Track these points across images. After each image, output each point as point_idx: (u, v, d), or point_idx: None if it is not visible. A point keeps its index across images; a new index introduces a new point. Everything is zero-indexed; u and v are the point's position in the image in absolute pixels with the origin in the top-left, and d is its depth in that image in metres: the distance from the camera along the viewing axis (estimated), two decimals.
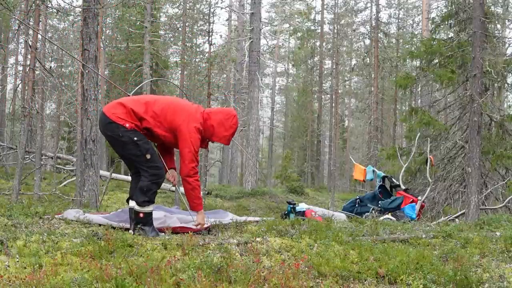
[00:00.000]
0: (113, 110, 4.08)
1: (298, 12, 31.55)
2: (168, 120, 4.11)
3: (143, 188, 4.05)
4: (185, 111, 4.17)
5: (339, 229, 4.92)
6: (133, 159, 4.15)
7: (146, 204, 4.07)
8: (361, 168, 10.80)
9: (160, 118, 4.11)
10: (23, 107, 9.23)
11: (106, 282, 2.71)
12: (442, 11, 16.23)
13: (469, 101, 8.85)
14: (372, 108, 26.29)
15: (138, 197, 4.05)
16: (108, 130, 4.09)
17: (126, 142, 4.05)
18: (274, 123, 39.98)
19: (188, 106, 4.26)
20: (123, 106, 4.09)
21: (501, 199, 11.04)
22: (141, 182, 4.08)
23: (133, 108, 4.07)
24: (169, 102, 4.25)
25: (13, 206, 5.19)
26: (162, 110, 4.13)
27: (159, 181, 4.16)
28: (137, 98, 4.30)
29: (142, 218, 4.06)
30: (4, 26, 23.74)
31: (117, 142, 4.10)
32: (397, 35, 30.75)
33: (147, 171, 4.09)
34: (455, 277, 3.33)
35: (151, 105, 4.13)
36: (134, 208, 4.08)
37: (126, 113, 4.06)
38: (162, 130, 4.13)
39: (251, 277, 2.97)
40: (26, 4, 9.75)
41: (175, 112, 4.13)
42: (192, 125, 4.11)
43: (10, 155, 14.81)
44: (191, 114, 4.17)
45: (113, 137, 4.08)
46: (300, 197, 16.94)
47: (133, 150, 4.08)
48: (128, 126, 4.03)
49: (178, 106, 4.20)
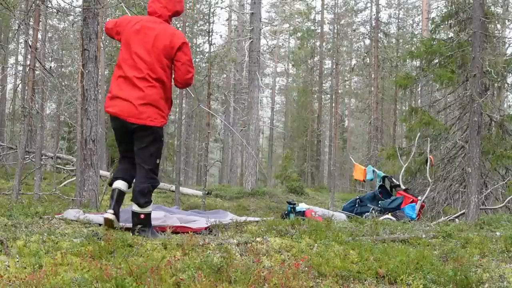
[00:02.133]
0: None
1: (298, 12, 31.55)
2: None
3: (144, 190, 4.02)
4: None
5: (339, 229, 4.92)
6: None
7: (147, 205, 4.05)
8: (361, 168, 10.80)
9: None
10: (23, 107, 9.23)
11: (106, 282, 2.71)
12: (442, 11, 16.26)
13: (469, 101, 8.85)
14: (372, 108, 26.30)
15: (139, 199, 4.02)
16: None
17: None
18: (274, 123, 40.00)
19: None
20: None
21: (501, 199, 11.04)
22: (141, 184, 4.04)
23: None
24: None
25: (13, 206, 5.19)
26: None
27: (156, 185, 4.16)
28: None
29: (143, 219, 4.04)
30: (4, 26, 23.75)
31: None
32: (397, 35, 30.76)
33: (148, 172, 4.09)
34: (455, 277, 3.33)
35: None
36: (135, 209, 4.05)
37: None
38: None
39: (251, 277, 2.97)
40: (26, 4, 9.76)
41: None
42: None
43: (10, 155, 14.81)
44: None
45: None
46: (300, 197, 16.93)
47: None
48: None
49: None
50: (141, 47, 3.99)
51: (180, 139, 13.26)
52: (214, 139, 35.00)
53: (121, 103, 3.97)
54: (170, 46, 3.99)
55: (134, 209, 4.04)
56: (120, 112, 3.99)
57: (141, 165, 4.04)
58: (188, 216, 5.41)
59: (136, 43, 4.02)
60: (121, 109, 3.98)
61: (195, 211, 6.51)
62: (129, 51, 4.03)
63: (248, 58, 16.32)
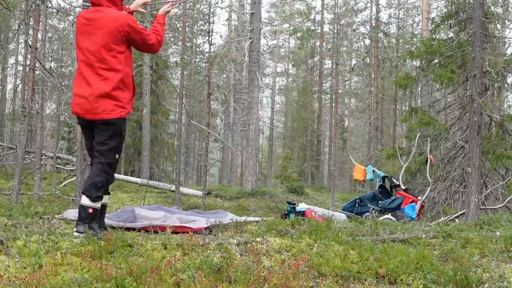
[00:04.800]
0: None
1: (298, 12, 31.56)
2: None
3: (98, 184, 3.85)
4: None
5: (339, 229, 4.92)
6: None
7: (98, 200, 3.86)
8: (361, 168, 10.81)
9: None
10: (23, 107, 9.22)
11: (106, 282, 2.71)
12: (442, 11, 16.24)
13: (469, 101, 8.84)
14: (372, 108, 26.28)
15: (91, 192, 3.82)
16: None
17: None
18: (274, 123, 39.99)
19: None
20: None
21: (501, 199, 11.04)
22: (96, 176, 3.88)
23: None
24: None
25: (13, 206, 5.20)
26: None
27: (111, 181, 4.03)
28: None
29: (92, 214, 3.83)
30: (4, 26, 23.74)
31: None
32: (397, 35, 30.75)
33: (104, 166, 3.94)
34: (455, 277, 3.33)
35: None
36: (84, 203, 3.83)
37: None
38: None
39: (251, 277, 2.97)
40: (26, 4, 9.75)
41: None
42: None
43: (10, 155, 14.81)
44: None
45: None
46: (300, 197, 16.93)
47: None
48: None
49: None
50: (88, 41, 3.90)
51: (180, 139, 13.25)
52: (214, 139, 35.00)
53: (79, 101, 3.90)
54: (116, 31, 3.88)
55: (83, 202, 3.83)
56: (79, 110, 3.91)
57: (99, 158, 3.91)
58: (188, 216, 5.41)
59: (84, 38, 3.93)
60: (79, 107, 3.91)
61: (195, 211, 6.51)
62: (80, 47, 3.94)
63: (248, 58, 16.31)
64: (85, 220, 3.79)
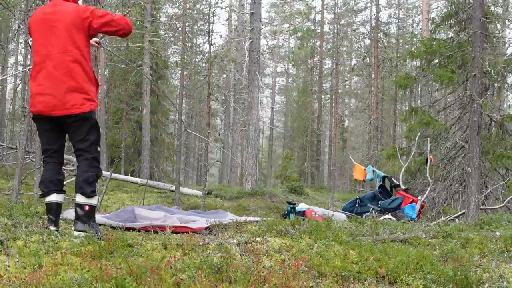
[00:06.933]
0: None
1: (298, 12, 31.58)
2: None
3: (89, 179, 3.80)
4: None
5: (339, 229, 4.92)
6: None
7: (93, 195, 3.81)
8: (361, 168, 10.81)
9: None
10: (23, 107, 9.21)
11: (106, 282, 2.71)
12: (442, 11, 16.24)
13: (469, 101, 8.85)
14: (372, 108, 26.29)
15: (85, 188, 3.77)
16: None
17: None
18: (274, 123, 39.99)
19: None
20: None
21: (501, 199, 11.04)
22: (85, 173, 3.82)
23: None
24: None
25: (13, 206, 5.19)
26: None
27: (100, 174, 3.98)
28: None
29: (88, 211, 3.78)
30: (4, 26, 23.74)
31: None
32: (397, 35, 30.76)
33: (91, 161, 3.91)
34: (455, 277, 3.33)
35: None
36: (80, 201, 3.78)
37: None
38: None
39: (251, 277, 2.97)
40: (26, 4, 9.74)
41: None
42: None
43: (10, 155, 14.79)
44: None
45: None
46: (300, 197, 16.93)
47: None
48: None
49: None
50: (50, 35, 3.79)
51: (180, 139, 13.26)
52: (214, 139, 35.01)
53: (43, 99, 3.77)
54: (79, 22, 3.79)
55: (79, 200, 3.78)
56: (43, 108, 3.78)
57: (83, 155, 3.85)
58: (188, 216, 5.42)
59: (44, 33, 3.82)
60: (43, 105, 3.78)
61: (195, 211, 6.51)
62: (40, 43, 3.83)
63: (248, 58, 16.31)
64: (82, 218, 3.77)
